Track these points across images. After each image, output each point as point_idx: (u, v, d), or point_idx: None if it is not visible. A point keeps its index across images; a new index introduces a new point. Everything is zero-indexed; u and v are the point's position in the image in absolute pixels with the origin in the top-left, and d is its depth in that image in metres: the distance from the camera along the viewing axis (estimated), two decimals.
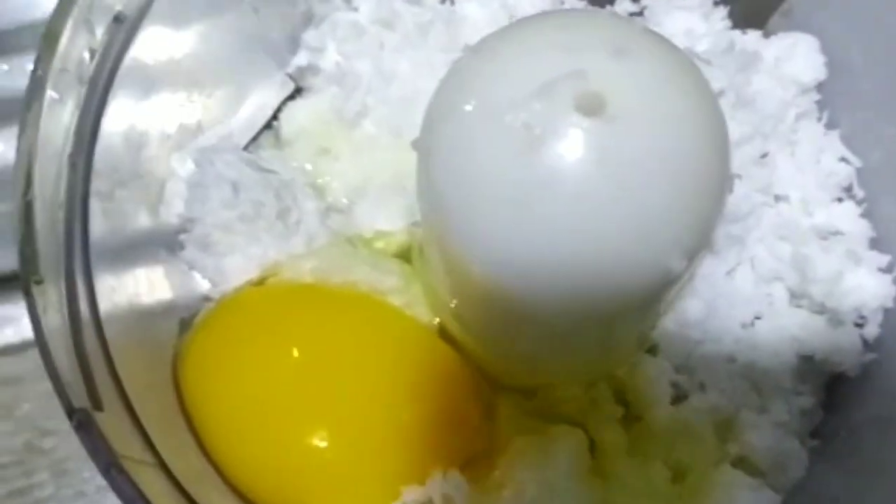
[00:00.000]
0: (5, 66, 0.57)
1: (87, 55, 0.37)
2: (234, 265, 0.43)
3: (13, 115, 0.55)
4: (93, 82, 0.37)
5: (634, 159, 0.31)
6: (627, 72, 0.31)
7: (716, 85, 0.43)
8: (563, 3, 0.50)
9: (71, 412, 0.32)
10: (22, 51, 0.57)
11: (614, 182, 0.31)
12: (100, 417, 0.33)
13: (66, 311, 0.35)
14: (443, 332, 0.43)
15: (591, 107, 0.31)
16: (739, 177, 0.41)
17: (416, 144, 0.34)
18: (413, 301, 0.43)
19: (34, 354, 0.53)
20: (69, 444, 0.52)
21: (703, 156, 0.32)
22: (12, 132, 0.56)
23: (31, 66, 0.58)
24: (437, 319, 0.43)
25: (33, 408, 0.53)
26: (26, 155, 0.34)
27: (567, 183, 0.31)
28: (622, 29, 0.33)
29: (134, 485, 0.32)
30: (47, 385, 0.52)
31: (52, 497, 0.52)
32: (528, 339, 0.39)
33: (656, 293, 0.34)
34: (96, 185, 0.38)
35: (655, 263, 0.32)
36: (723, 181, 0.33)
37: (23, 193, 0.34)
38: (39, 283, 0.34)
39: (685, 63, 0.33)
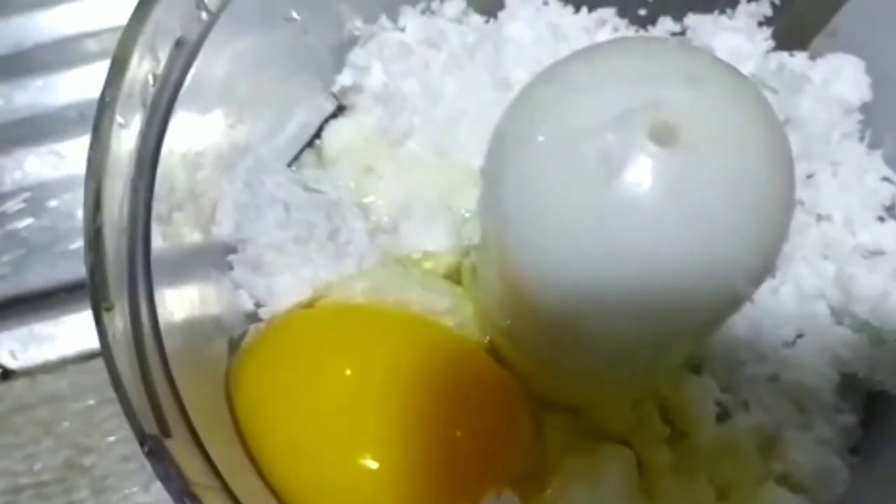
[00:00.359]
0: (39, 83, 0.57)
1: (151, 79, 0.37)
2: (286, 286, 0.43)
3: (47, 133, 0.56)
4: (154, 106, 0.37)
5: (707, 187, 0.31)
6: (700, 101, 0.31)
7: None
8: (605, 22, 0.50)
9: (143, 439, 0.32)
10: (54, 68, 0.57)
11: (687, 210, 0.31)
12: (169, 444, 0.33)
13: (131, 337, 0.35)
14: (493, 351, 0.43)
15: (665, 136, 0.31)
16: (802, 203, 0.42)
17: (484, 172, 0.34)
18: (465, 321, 0.43)
19: (73, 371, 0.54)
20: (109, 461, 0.52)
21: (771, 183, 0.32)
22: (47, 149, 0.57)
23: (62, 83, 0.59)
24: (488, 338, 0.43)
25: (72, 425, 0.53)
26: (95, 180, 0.35)
27: (641, 211, 0.31)
28: (694, 57, 0.33)
29: None
30: (86, 402, 0.53)
31: None
32: (581, 360, 0.40)
33: (722, 317, 0.34)
34: (157, 208, 0.38)
35: (724, 289, 0.32)
36: (789, 208, 0.34)
37: (92, 219, 0.34)
38: (109, 309, 0.34)
39: (753, 91, 0.33)
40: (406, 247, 0.47)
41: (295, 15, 0.44)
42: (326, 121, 0.51)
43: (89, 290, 0.34)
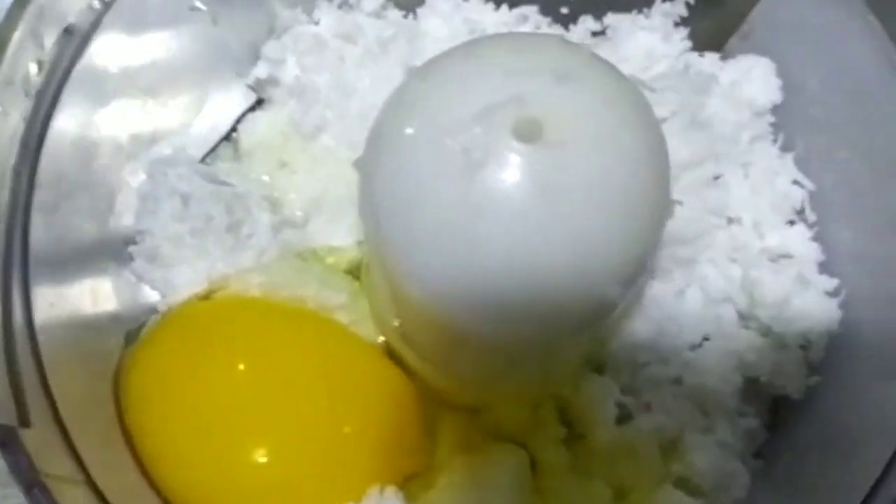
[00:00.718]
0: None
1: (34, 67, 0.36)
2: (183, 278, 0.43)
3: None
4: (40, 94, 0.37)
5: (571, 185, 0.31)
6: (568, 98, 0.31)
7: (669, 107, 0.43)
8: (526, 19, 0.50)
9: None
10: None
11: (551, 208, 0.31)
12: (26, 434, 0.33)
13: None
14: (388, 350, 0.43)
15: (530, 132, 0.31)
16: (681, 203, 0.41)
17: (358, 165, 0.34)
18: (360, 318, 0.43)
19: None
20: None
21: (640, 184, 0.32)
22: None
23: None
24: (382, 338, 0.43)
25: None
26: None
27: (504, 208, 0.31)
28: (568, 55, 0.33)
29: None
30: None
31: None
32: (471, 360, 0.40)
33: (593, 319, 0.34)
34: (40, 196, 0.38)
35: (591, 289, 0.32)
36: (661, 209, 0.33)
37: None
38: None
39: (629, 91, 0.33)
40: (313, 241, 0.46)
41: (199, 4, 0.43)
42: (245, 114, 0.50)
43: None
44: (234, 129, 0.50)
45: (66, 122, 0.39)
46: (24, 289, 0.36)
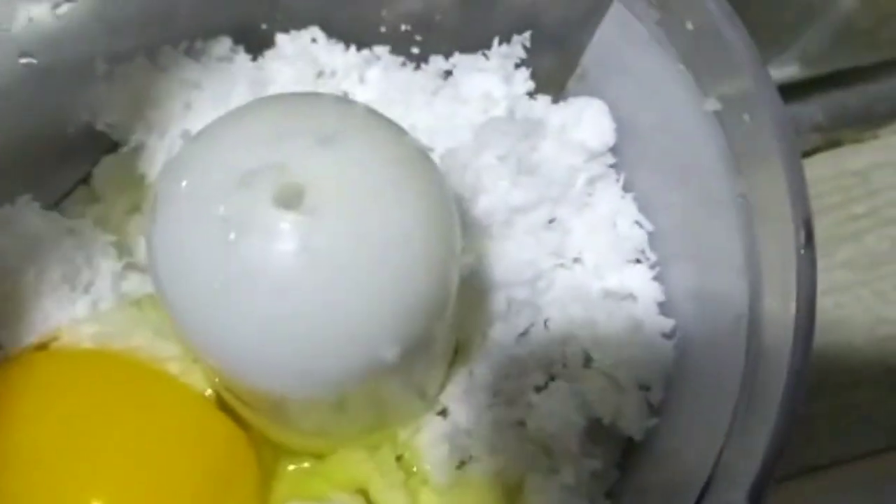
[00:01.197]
0: None
1: None
2: (17, 330, 0.43)
3: None
4: None
5: (333, 251, 0.31)
6: (332, 162, 0.31)
7: (497, 151, 0.42)
8: (378, 59, 0.50)
9: None
10: None
11: (315, 274, 0.31)
12: None
13: None
14: (220, 400, 0.43)
15: (291, 199, 0.31)
16: (547, 247, 0.42)
17: (142, 227, 0.34)
18: (190, 368, 0.43)
19: None
20: None
21: (413, 242, 0.32)
22: None
23: None
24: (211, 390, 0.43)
25: None
26: None
27: (266, 276, 0.31)
28: (337, 115, 0.33)
29: None
30: None
31: None
32: (291, 414, 0.39)
33: (374, 378, 0.34)
34: None
35: (364, 354, 0.32)
36: (443, 265, 0.33)
37: None
38: None
39: (404, 149, 0.33)
40: None
41: (28, 61, 0.43)
42: (100, 156, 0.50)
43: None
44: (89, 172, 0.50)
45: None
46: None
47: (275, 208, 0.30)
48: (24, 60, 0.43)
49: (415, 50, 0.50)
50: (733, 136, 0.38)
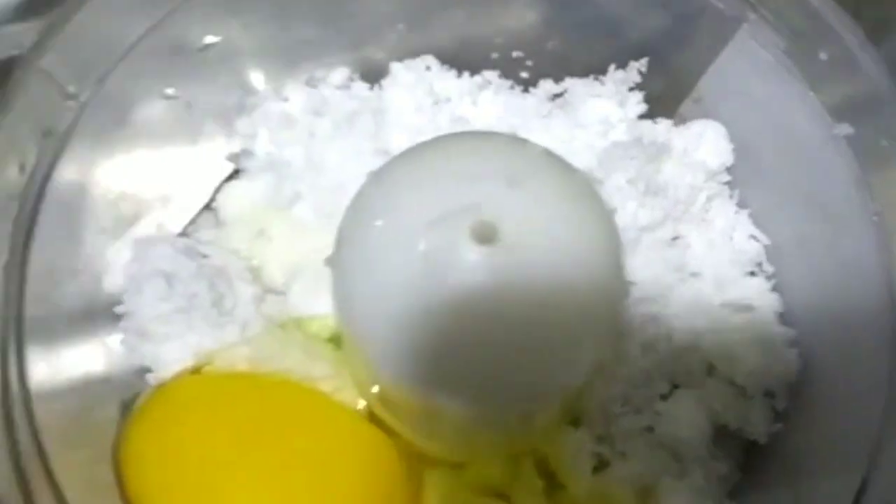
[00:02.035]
0: None
1: (15, 171, 0.38)
2: (171, 354, 0.45)
3: None
4: (23, 196, 0.39)
5: (528, 282, 0.33)
6: (519, 201, 0.33)
7: (626, 175, 0.45)
8: (488, 84, 0.52)
9: None
10: None
11: (510, 304, 0.33)
12: None
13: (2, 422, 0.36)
14: (370, 414, 0.45)
15: (486, 235, 0.33)
16: (634, 283, 0.44)
17: (329, 262, 0.36)
18: (342, 386, 0.44)
19: None
20: None
21: (593, 271, 0.34)
22: None
23: None
24: (364, 404, 0.45)
25: None
26: None
27: (465, 306, 0.33)
28: (517, 156, 0.35)
29: None
30: None
31: None
32: (448, 428, 0.41)
33: (554, 397, 0.36)
34: (31, 288, 0.40)
35: (551, 374, 0.34)
36: (616, 291, 0.35)
37: None
38: None
39: (577, 187, 0.35)
40: (294, 309, 0.48)
41: (172, 92, 0.45)
42: (224, 183, 0.52)
43: None
44: (213, 198, 0.52)
45: (51, 218, 0.41)
46: (22, 383, 0.38)
47: (474, 243, 0.32)
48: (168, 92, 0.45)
49: (524, 74, 0.51)
50: (866, 158, 0.40)
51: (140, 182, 0.47)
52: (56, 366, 0.41)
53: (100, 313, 0.46)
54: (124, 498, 0.42)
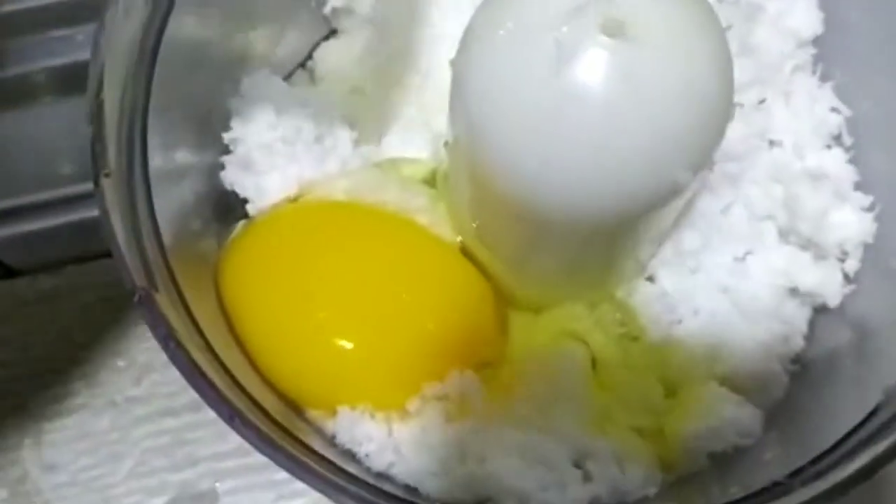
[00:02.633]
0: (80, 37, 0.58)
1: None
2: (273, 183, 0.47)
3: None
4: (156, 1, 0.41)
5: (653, 79, 0.35)
6: (650, 2, 0.35)
7: None
8: None
9: (134, 290, 0.36)
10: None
11: (631, 98, 0.35)
12: (157, 297, 0.37)
13: (126, 202, 0.38)
14: (464, 251, 0.47)
15: (615, 30, 0.34)
16: (741, 105, 0.45)
17: (454, 64, 0.38)
18: (438, 221, 0.46)
19: (70, 271, 0.57)
20: (102, 356, 0.56)
21: (711, 82, 0.36)
22: None
23: None
24: (459, 238, 0.47)
25: (69, 321, 0.56)
26: (99, 62, 0.38)
27: (592, 98, 0.35)
28: None
29: (189, 355, 0.35)
30: (83, 300, 0.56)
31: (85, 406, 0.55)
32: (543, 255, 0.43)
33: (662, 203, 0.38)
34: (154, 98, 0.42)
35: (666, 175, 0.36)
36: (727, 107, 0.37)
37: (95, 95, 0.38)
38: (108, 175, 0.37)
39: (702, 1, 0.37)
40: (388, 156, 0.50)
41: None
42: (319, 43, 0.53)
43: (91, 158, 0.37)
44: (309, 57, 0.54)
45: (177, 33, 0.43)
46: (145, 180, 0.40)
47: (603, 36, 0.34)
48: None
49: None
50: None
51: (249, 22, 0.49)
52: (169, 193, 0.43)
53: (207, 147, 0.47)
54: (222, 308, 0.44)
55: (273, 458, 0.35)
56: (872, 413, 0.39)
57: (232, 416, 0.35)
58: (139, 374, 0.55)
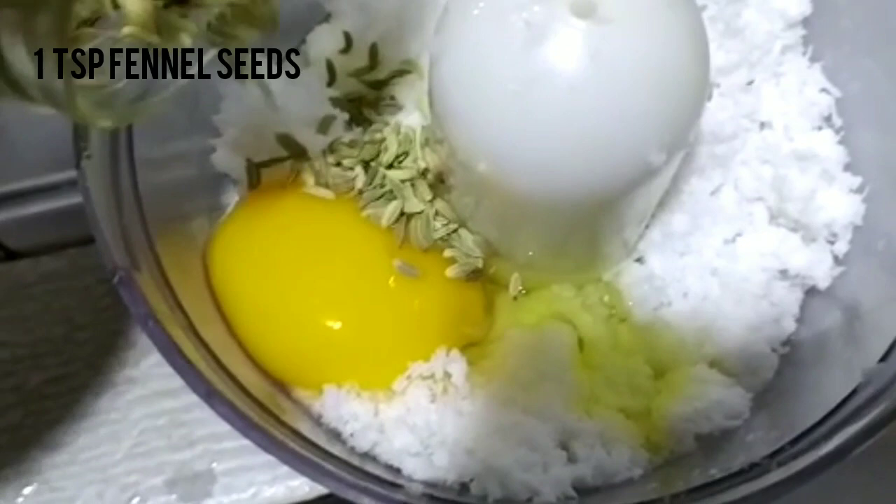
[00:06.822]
0: None
1: None
2: (265, 166, 0.47)
3: None
4: None
5: (622, 59, 0.35)
6: None
7: (707, 13, 0.46)
8: None
9: (114, 270, 0.36)
10: None
11: (604, 78, 0.35)
12: (138, 276, 0.37)
13: (109, 184, 0.39)
14: None
15: (585, 10, 0.34)
16: (718, 85, 0.45)
17: (430, 46, 0.38)
18: None
19: (71, 253, 0.57)
20: (102, 336, 0.56)
21: (684, 62, 0.36)
22: None
23: None
24: None
25: (70, 303, 0.57)
26: None
27: (562, 77, 0.35)
28: None
29: (167, 333, 0.36)
30: (84, 282, 0.57)
31: (84, 386, 0.56)
32: (526, 235, 0.43)
33: (637, 184, 0.38)
34: None
35: (637, 155, 0.36)
36: (701, 87, 0.37)
37: None
38: (89, 157, 0.38)
39: None
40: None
41: None
42: (312, 27, 0.54)
43: (73, 139, 0.38)
44: (303, 40, 0.54)
45: None
46: (130, 160, 0.40)
47: (574, 16, 0.34)
48: None
49: None
50: None
51: None
52: (158, 174, 0.43)
53: (196, 130, 0.48)
54: (209, 286, 0.45)
55: (248, 436, 0.35)
56: (852, 394, 0.39)
57: (209, 393, 0.36)
58: (138, 355, 0.55)
